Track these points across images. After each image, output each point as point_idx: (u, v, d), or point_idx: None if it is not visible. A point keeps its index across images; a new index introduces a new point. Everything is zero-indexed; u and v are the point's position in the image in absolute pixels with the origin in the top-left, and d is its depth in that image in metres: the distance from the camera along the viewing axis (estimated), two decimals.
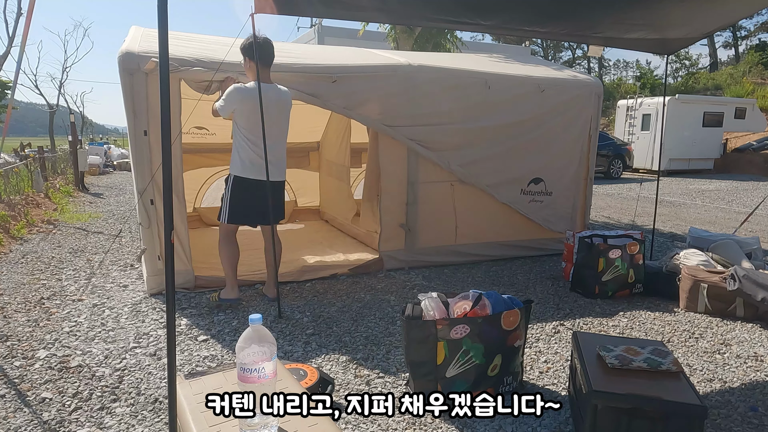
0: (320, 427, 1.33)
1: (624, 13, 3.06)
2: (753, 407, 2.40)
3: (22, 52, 3.04)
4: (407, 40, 9.11)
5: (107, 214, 7.54)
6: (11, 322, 3.30)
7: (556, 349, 3.01)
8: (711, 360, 2.91)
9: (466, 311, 2.31)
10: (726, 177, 15.37)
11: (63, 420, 2.23)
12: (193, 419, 1.38)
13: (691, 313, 3.65)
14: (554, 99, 4.86)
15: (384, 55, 4.67)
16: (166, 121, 1.53)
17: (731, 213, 8.51)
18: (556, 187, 5.09)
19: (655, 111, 15.88)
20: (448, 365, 2.28)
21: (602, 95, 5.14)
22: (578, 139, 5.08)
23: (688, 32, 3.55)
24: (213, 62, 3.59)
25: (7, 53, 11.49)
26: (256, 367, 1.26)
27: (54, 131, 21.75)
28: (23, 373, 2.62)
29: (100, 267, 4.63)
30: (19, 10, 12.99)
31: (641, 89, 23.39)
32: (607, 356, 2.10)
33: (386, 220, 4.44)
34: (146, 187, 3.61)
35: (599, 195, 10.52)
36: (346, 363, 2.79)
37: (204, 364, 2.76)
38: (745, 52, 31.63)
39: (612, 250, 3.88)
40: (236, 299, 3.54)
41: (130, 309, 3.55)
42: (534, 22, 3.29)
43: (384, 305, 3.69)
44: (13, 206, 6.57)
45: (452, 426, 2.21)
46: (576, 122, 5.04)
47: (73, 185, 10.47)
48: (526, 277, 4.47)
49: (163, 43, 1.51)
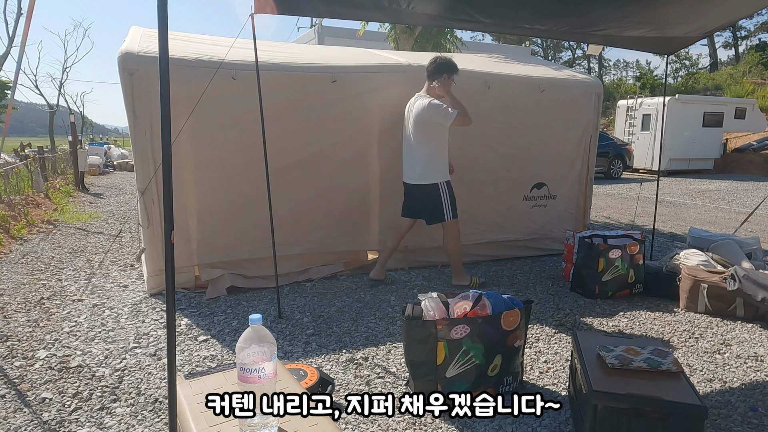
0: (320, 427, 1.33)
1: (624, 10, 3.06)
2: (753, 407, 2.40)
3: (22, 52, 3.04)
4: (407, 40, 9.11)
5: (107, 215, 7.54)
6: (11, 322, 3.30)
7: (556, 349, 3.01)
8: (711, 360, 2.91)
9: (466, 311, 2.31)
10: (726, 177, 15.37)
11: (63, 420, 2.23)
12: (193, 419, 1.38)
13: (691, 313, 3.65)
14: (554, 99, 4.86)
15: (384, 55, 4.67)
16: (167, 120, 1.53)
17: (731, 213, 8.51)
18: (559, 191, 5.09)
19: (655, 111, 15.89)
20: (448, 365, 2.28)
21: (602, 95, 5.14)
22: (580, 139, 5.09)
23: (687, 31, 3.55)
24: (213, 62, 3.59)
25: (7, 53, 11.49)
26: (256, 367, 1.26)
27: (54, 131, 21.77)
28: (23, 373, 2.62)
29: (100, 267, 4.63)
30: (19, 10, 13.00)
31: (641, 89, 23.39)
32: (607, 356, 2.10)
33: (384, 220, 4.43)
34: (147, 186, 3.62)
35: (599, 195, 10.52)
36: (346, 363, 2.79)
37: (204, 364, 2.76)
38: (745, 52, 31.66)
39: (612, 250, 3.88)
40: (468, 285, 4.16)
41: (130, 309, 3.55)
42: (533, 20, 3.29)
43: (384, 305, 3.69)
44: (13, 206, 6.57)
45: (452, 426, 2.21)
46: (577, 123, 5.04)
47: (73, 185, 10.48)
48: (526, 277, 4.47)
49: (163, 43, 1.51)
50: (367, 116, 4.23)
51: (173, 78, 3.29)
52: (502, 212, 4.87)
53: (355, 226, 4.37)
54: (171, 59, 3.32)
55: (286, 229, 4.02)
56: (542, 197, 5.02)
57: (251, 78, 3.47)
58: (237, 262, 4.00)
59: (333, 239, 4.30)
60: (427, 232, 4.62)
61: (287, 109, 3.94)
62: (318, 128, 4.08)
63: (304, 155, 4.09)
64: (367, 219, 4.41)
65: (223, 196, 3.88)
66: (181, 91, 3.46)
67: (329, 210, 4.24)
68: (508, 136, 4.77)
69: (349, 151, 4.24)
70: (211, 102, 3.60)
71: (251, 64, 3.48)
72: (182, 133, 3.50)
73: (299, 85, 3.93)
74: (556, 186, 5.07)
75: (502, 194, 4.84)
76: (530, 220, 5.02)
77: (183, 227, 3.76)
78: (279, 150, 3.90)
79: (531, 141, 4.86)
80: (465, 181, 4.65)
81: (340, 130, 4.16)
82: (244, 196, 3.91)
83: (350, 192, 4.30)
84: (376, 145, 4.31)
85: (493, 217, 4.84)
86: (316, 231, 4.21)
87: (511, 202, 4.89)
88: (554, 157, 5.01)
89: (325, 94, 4.04)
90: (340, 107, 4.12)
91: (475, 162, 4.67)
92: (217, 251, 3.92)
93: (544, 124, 4.88)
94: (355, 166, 4.28)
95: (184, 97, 3.48)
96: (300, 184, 4.10)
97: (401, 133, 4.20)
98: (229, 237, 3.93)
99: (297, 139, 4.03)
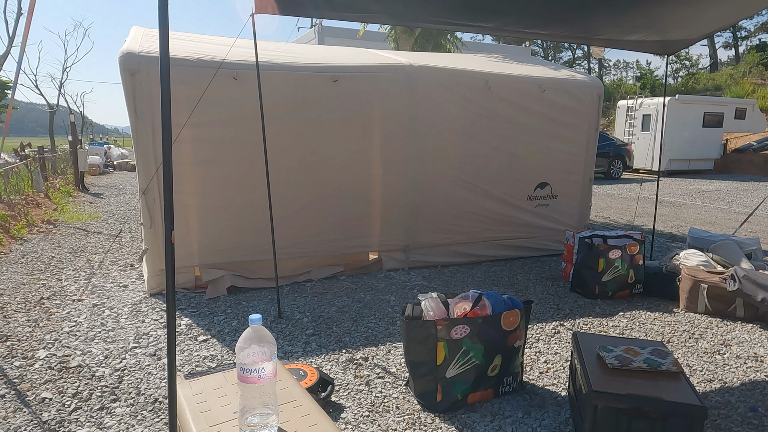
0: (320, 427, 1.33)
1: (624, 15, 3.06)
2: (753, 407, 2.40)
3: (22, 52, 3.04)
4: (407, 41, 9.12)
5: (107, 214, 7.54)
6: (11, 322, 3.30)
7: (556, 349, 3.01)
8: (711, 360, 2.91)
9: (466, 311, 2.31)
10: (726, 177, 15.36)
11: (63, 420, 2.23)
12: (193, 419, 1.38)
13: (691, 313, 3.65)
14: (556, 99, 4.87)
15: (385, 55, 4.67)
16: (167, 120, 1.53)
17: (731, 213, 8.51)
18: (561, 190, 5.10)
19: (655, 111, 15.88)
20: (448, 365, 2.28)
21: (603, 95, 5.14)
22: (581, 139, 5.09)
23: (688, 33, 3.55)
24: (214, 62, 3.59)
25: (7, 53, 11.48)
26: (256, 367, 1.26)
27: (54, 131, 21.76)
28: (23, 373, 2.62)
29: (100, 267, 4.63)
30: (19, 10, 12.99)
31: (641, 89, 23.40)
32: (607, 357, 2.10)
33: (385, 221, 4.44)
34: (148, 186, 3.62)
35: (599, 195, 10.52)
36: (346, 363, 2.79)
37: (204, 364, 2.76)
38: (746, 53, 31.65)
39: (612, 250, 3.88)
40: None
41: (130, 309, 3.55)
42: (535, 25, 3.29)
43: (384, 305, 3.69)
44: (13, 206, 6.57)
45: (452, 426, 2.21)
46: (578, 122, 5.05)
47: (73, 185, 10.48)
48: (526, 277, 4.47)
49: (164, 43, 1.51)
50: (367, 116, 4.23)
51: (175, 78, 3.31)
52: (507, 212, 4.88)
53: (356, 227, 4.37)
54: (172, 59, 3.34)
55: (288, 231, 4.02)
56: (545, 197, 5.03)
57: (252, 78, 3.47)
58: (238, 264, 4.00)
59: (335, 242, 4.30)
60: (427, 232, 4.64)
61: (288, 109, 3.94)
62: (319, 129, 4.08)
63: (306, 156, 4.08)
64: (369, 221, 4.41)
65: (224, 196, 3.88)
66: (182, 90, 3.46)
67: (330, 212, 4.24)
68: (512, 136, 4.78)
69: (350, 152, 4.24)
70: (212, 102, 3.61)
71: (252, 64, 3.48)
72: (183, 133, 3.50)
73: (300, 85, 3.92)
74: (557, 185, 5.08)
75: (507, 194, 4.85)
76: (534, 219, 5.02)
77: (184, 228, 3.77)
78: (279, 150, 3.90)
79: (534, 140, 4.87)
80: (471, 180, 4.65)
81: (341, 130, 4.16)
82: (244, 196, 3.91)
83: (350, 193, 4.30)
84: (379, 146, 4.30)
85: (498, 216, 4.85)
86: (317, 234, 4.21)
87: (516, 202, 4.90)
88: (556, 156, 5.02)
89: (326, 94, 4.04)
90: (341, 107, 4.12)
91: (481, 161, 4.68)
92: (218, 253, 3.92)
93: (546, 124, 4.89)
94: (355, 167, 4.28)
95: (186, 97, 3.48)
96: (302, 185, 4.10)
97: (402, 133, 4.20)
98: (230, 238, 3.94)
99: (298, 139, 4.02)
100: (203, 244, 3.87)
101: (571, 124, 5.01)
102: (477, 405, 2.37)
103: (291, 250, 4.11)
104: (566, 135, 5.02)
